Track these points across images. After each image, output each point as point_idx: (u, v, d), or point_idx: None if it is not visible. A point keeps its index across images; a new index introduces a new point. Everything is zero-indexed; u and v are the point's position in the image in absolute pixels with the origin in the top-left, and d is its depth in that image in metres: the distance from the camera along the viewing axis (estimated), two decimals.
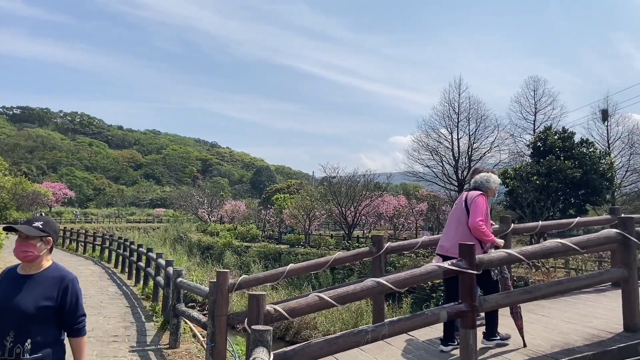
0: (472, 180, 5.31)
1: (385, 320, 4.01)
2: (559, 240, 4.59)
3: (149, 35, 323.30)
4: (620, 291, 4.96)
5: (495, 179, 5.26)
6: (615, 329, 4.90)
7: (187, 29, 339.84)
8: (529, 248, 4.53)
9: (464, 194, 5.22)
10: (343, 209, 30.10)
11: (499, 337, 4.83)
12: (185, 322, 8.01)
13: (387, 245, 6.62)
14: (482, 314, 5.18)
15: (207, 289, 5.81)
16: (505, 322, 5.05)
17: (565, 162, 26.14)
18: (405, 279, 3.96)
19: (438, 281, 14.96)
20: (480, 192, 5.06)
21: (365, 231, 36.48)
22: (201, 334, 7.63)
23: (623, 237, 4.75)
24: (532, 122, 37.33)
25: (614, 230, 4.84)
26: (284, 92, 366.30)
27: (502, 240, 5.17)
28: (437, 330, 5.28)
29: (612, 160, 31.02)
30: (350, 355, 4.69)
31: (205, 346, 5.92)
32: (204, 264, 27.00)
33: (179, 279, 7.36)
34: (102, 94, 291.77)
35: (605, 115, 36.19)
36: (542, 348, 4.55)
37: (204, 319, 6.21)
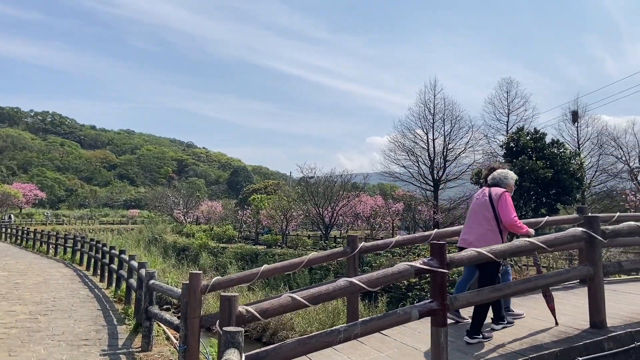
0: (490, 177, 5.59)
1: (358, 320, 4.04)
2: (527, 238, 4.69)
3: (124, 34, 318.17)
4: (586, 288, 5.09)
5: (512, 175, 5.58)
6: (581, 326, 5.03)
7: (163, 28, 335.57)
8: (499, 247, 4.61)
9: (485, 190, 5.47)
10: (320, 209, 30.13)
11: (481, 336, 4.91)
12: (159, 325, 7.91)
13: (361, 245, 6.66)
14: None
15: (180, 290, 5.75)
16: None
17: (537, 162, 26.67)
18: (378, 278, 3.98)
19: (414, 280, 15.12)
20: (505, 189, 5.33)
21: (342, 231, 36.58)
22: (174, 337, 7.54)
23: (589, 236, 4.87)
24: (505, 123, 37.99)
25: (580, 228, 4.97)
26: (261, 92, 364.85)
27: (533, 230, 5.43)
28: (408, 329, 5.33)
29: (582, 161, 31.79)
30: (324, 355, 4.70)
31: (177, 349, 5.85)
32: (179, 266, 26.69)
33: (152, 281, 7.26)
34: (75, 93, 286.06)
35: (575, 116, 37.02)
36: (511, 345, 4.64)
37: (177, 321, 6.14)
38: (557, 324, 5.09)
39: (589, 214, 5.72)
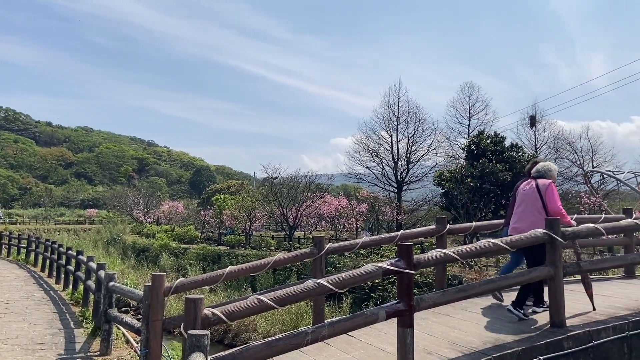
0: (534, 169, 6.08)
1: (325, 321, 4.01)
2: (491, 240, 4.77)
3: (82, 29, 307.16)
4: (547, 288, 5.22)
5: (555, 167, 6.15)
6: (542, 325, 5.15)
7: (123, 24, 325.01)
8: (464, 248, 4.68)
9: (531, 181, 5.94)
10: (284, 209, 30.02)
11: (543, 306, 5.67)
12: (118, 328, 7.68)
13: (328, 246, 6.64)
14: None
15: (141, 293, 5.59)
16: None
17: (497, 165, 27.35)
18: (346, 279, 3.97)
19: (377, 280, 15.23)
20: (551, 181, 5.83)
21: (306, 232, 36.54)
22: (135, 340, 7.34)
23: (550, 237, 5.00)
24: (467, 127, 38.83)
25: (541, 230, 5.09)
26: (224, 91, 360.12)
27: (575, 222, 5.88)
28: (374, 330, 5.34)
29: None
30: (290, 357, 4.65)
31: (138, 352, 5.69)
32: (139, 267, 26.09)
33: (111, 283, 7.05)
34: (30, 89, 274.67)
35: (533, 121, 38.20)
36: (474, 345, 4.70)
37: (137, 324, 5.97)
38: (594, 309, 5.59)
39: (549, 216, 5.88)
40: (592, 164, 35.22)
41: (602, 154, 36.62)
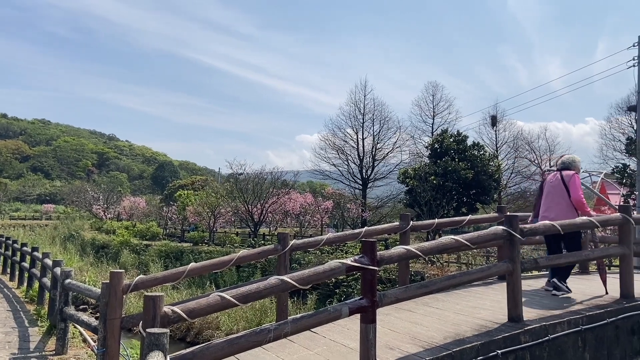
0: (560, 161, 6.57)
1: (289, 318, 3.98)
2: (452, 236, 4.84)
3: (39, 18, 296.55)
4: (505, 284, 5.34)
5: (578, 159, 6.60)
6: (500, 320, 5.27)
7: (82, 14, 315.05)
8: (426, 244, 4.73)
9: (557, 174, 6.35)
10: (249, 206, 29.82)
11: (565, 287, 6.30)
12: (75, 327, 7.46)
13: (292, 242, 6.61)
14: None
15: (99, 290, 5.43)
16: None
17: (459, 163, 27.92)
18: (309, 276, 3.95)
19: (342, 277, 15.31)
20: (574, 172, 6.23)
21: (271, 228, 36.41)
22: (92, 339, 7.14)
23: (509, 234, 5.11)
24: (431, 125, 39.45)
25: (501, 227, 5.20)
26: (188, 86, 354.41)
27: (595, 212, 6.39)
28: (337, 326, 5.35)
29: (500, 163, 33.71)
30: (252, 354, 4.60)
31: (95, 351, 5.53)
32: (98, 264, 25.43)
33: (67, 281, 6.82)
34: None
35: (494, 121, 39.16)
36: (435, 340, 4.77)
37: (95, 322, 5.80)
38: (606, 292, 6.17)
39: (509, 213, 6.02)
40: (550, 164, 36.37)
41: (559, 154, 37.85)
